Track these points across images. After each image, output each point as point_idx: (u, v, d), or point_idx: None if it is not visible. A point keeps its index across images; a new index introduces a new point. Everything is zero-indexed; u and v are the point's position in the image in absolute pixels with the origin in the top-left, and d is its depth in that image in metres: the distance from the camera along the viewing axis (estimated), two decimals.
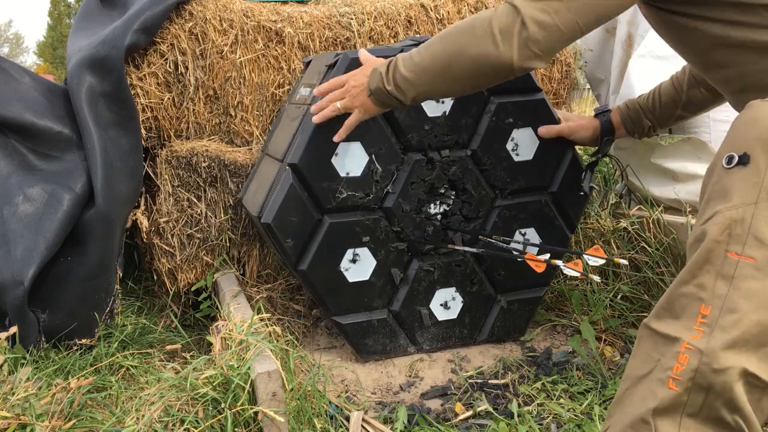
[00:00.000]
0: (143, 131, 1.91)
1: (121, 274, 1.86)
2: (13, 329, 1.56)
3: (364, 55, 1.52)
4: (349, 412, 1.45)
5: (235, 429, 1.21)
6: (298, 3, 2.19)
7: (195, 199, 1.89)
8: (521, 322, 1.81)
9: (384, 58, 1.41)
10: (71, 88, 1.83)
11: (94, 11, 2.21)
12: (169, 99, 1.93)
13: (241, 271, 1.95)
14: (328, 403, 1.45)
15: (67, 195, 1.72)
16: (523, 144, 1.72)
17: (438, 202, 1.70)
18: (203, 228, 1.90)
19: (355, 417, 1.42)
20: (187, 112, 1.95)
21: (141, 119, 1.89)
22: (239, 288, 1.78)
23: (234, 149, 1.95)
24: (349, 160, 1.59)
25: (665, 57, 1.93)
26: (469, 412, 1.48)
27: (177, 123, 1.96)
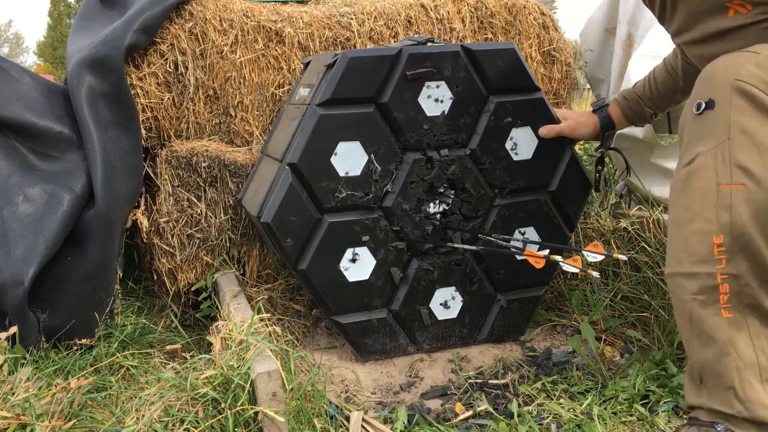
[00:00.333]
0: (143, 131, 1.91)
1: (121, 274, 1.86)
2: (13, 329, 1.56)
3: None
4: (349, 412, 1.45)
5: (235, 429, 1.21)
6: (298, 3, 2.19)
7: (195, 199, 1.89)
8: (521, 321, 1.81)
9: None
10: (71, 88, 1.83)
11: (94, 11, 2.21)
12: (169, 99, 1.93)
13: (241, 271, 1.95)
14: (328, 403, 1.45)
15: (67, 195, 1.72)
16: (522, 143, 1.72)
17: (437, 202, 1.70)
18: (203, 228, 1.90)
19: (355, 417, 1.42)
20: (187, 112, 1.95)
21: (141, 119, 1.89)
22: (239, 288, 1.78)
23: (234, 149, 1.95)
24: (349, 159, 1.60)
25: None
26: (469, 412, 1.48)
27: (177, 123, 1.96)
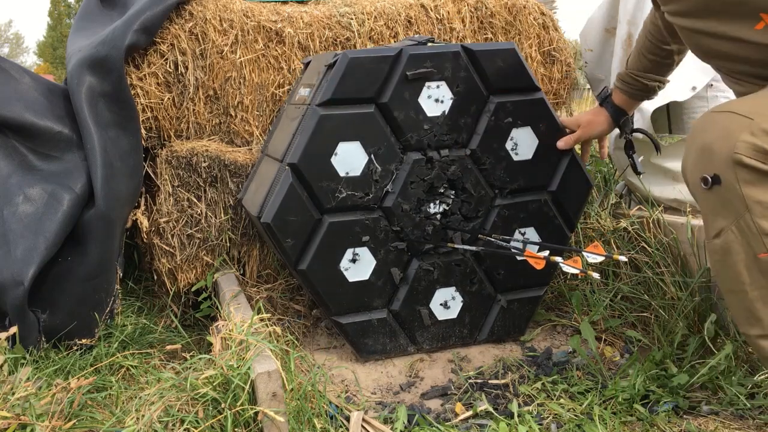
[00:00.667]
0: (143, 131, 1.91)
1: (121, 274, 1.86)
2: (13, 329, 1.56)
3: None
4: (349, 412, 1.45)
5: (235, 429, 1.21)
6: (298, 3, 2.19)
7: (195, 199, 1.89)
8: (521, 321, 1.81)
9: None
10: (71, 88, 1.83)
11: (94, 11, 2.21)
12: (169, 99, 1.93)
13: (241, 271, 1.95)
14: (328, 403, 1.45)
15: (67, 195, 1.72)
16: (523, 143, 1.72)
17: (437, 202, 1.70)
18: (203, 228, 1.90)
19: (355, 417, 1.42)
20: (187, 112, 1.95)
21: (141, 119, 1.89)
22: (239, 288, 1.78)
23: (234, 149, 1.95)
24: (349, 159, 1.59)
25: None
26: (469, 412, 1.48)
27: (177, 123, 1.96)
